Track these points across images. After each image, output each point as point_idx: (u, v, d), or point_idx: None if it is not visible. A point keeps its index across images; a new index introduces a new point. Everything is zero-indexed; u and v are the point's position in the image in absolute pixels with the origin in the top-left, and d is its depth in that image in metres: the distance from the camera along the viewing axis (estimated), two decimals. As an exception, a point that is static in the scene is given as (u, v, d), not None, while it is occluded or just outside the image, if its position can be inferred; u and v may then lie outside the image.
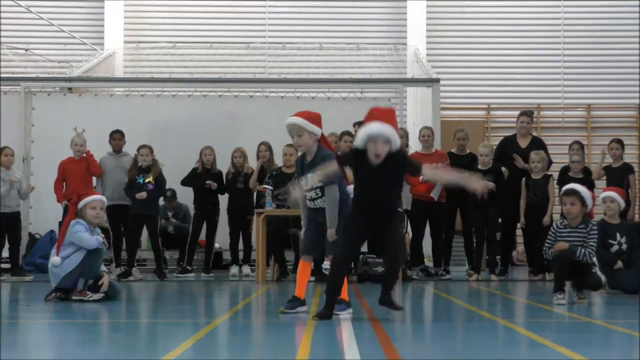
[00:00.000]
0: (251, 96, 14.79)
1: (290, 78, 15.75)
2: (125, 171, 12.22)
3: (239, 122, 14.36)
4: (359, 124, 12.30)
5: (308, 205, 6.94)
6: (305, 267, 7.03)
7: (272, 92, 15.10)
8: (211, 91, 14.76)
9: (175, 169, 12.77)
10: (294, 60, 17.68)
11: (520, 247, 14.61)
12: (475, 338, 5.46)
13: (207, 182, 12.48)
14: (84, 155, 12.25)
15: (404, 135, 12.72)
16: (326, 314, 6.28)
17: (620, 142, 12.41)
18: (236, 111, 14.49)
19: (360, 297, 8.67)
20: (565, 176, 11.64)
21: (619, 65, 18.20)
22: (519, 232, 12.58)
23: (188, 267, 12.73)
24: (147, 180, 12.00)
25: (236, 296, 9.72)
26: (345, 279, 6.65)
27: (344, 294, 6.73)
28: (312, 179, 6.60)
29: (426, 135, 12.29)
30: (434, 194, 11.86)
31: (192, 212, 13.11)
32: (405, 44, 18.01)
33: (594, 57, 18.26)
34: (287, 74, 16.54)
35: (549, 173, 11.86)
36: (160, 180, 12.16)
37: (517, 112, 12.83)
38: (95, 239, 8.12)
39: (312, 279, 10.33)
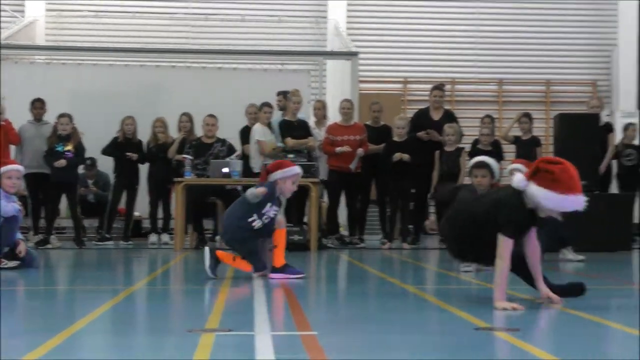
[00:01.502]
0: (173, 66, 14.86)
1: (212, 49, 15.87)
2: (45, 140, 12.24)
3: (161, 92, 14.43)
4: (283, 94, 12.55)
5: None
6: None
7: (194, 62, 15.19)
8: (133, 61, 14.80)
9: (96, 138, 12.82)
10: (217, 31, 17.76)
11: (433, 217, 15.01)
12: (385, 303, 5.72)
13: (128, 153, 12.58)
14: (2, 123, 12.21)
15: (322, 107, 13.01)
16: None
17: (529, 115, 12.87)
18: (158, 81, 14.55)
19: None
20: (475, 148, 12.03)
21: (530, 41, 18.75)
22: (432, 202, 12.93)
23: (107, 235, 12.83)
24: (66, 149, 12.04)
25: (154, 264, 9.88)
26: (283, 244, 7.22)
27: (281, 259, 7.18)
28: None
29: (346, 108, 12.50)
30: (352, 165, 12.13)
31: (112, 180, 13.19)
32: (326, 17, 18.19)
33: (506, 33, 18.74)
34: (209, 45, 16.63)
35: (461, 145, 12.20)
36: (79, 148, 12.22)
37: (432, 86, 13.15)
38: (11, 207, 8.19)
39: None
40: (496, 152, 11.83)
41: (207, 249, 7.25)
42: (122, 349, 3.84)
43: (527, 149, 12.37)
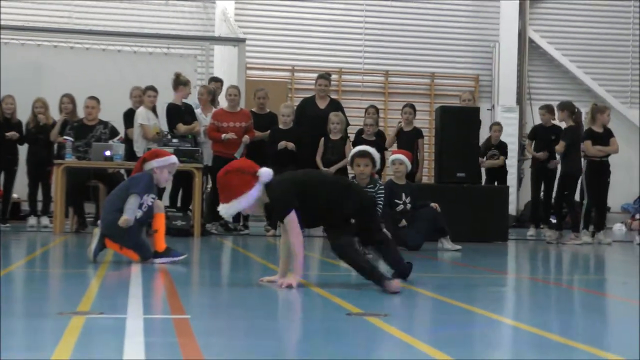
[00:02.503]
0: (55, 46, 14.54)
1: (96, 30, 15.56)
2: None
3: (42, 72, 14.13)
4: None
5: None
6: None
7: (78, 43, 14.89)
8: (13, 39, 14.39)
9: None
10: (102, 12, 17.42)
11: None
12: (263, 289, 5.74)
13: (7, 133, 12.27)
14: None
15: (207, 92, 12.93)
16: None
17: (412, 107, 13.12)
18: (39, 61, 14.23)
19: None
20: (359, 138, 12.19)
21: (416, 35, 19.11)
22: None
23: (-16, 218, 12.52)
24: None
25: (32, 246, 9.69)
26: (163, 228, 7.32)
27: (162, 243, 7.23)
28: None
29: (232, 94, 12.44)
30: (238, 153, 12.11)
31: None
32: (214, 2, 18.09)
33: (393, 25, 19.03)
34: (93, 25, 16.31)
35: (348, 134, 12.31)
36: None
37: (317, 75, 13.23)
38: None
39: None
40: (380, 143, 12.03)
41: (98, 231, 7.15)
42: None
43: (409, 140, 12.62)
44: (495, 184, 13.54)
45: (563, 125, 12.44)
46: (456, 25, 19.33)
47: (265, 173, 5.59)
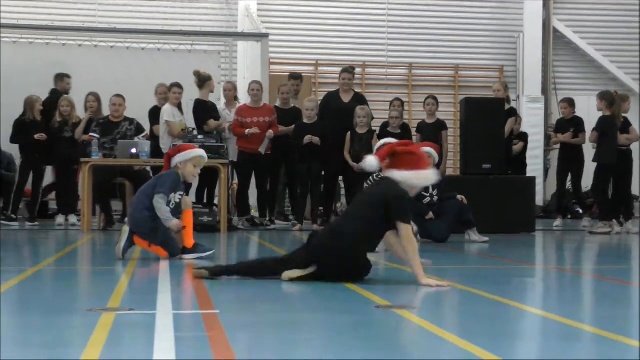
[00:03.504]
0: (80, 45, 14.61)
1: (120, 28, 15.61)
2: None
3: (67, 71, 14.17)
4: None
5: None
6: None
7: (102, 41, 14.96)
8: (38, 38, 14.47)
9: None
10: (125, 10, 17.50)
11: (344, 199, 15.13)
12: (289, 283, 5.75)
13: (36, 135, 12.33)
14: None
15: (233, 88, 12.98)
16: None
17: (435, 99, 13.08)
18: (64, 60, 14.29)
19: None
20: (384, 131, 12.17)
21: (439, 27, 19.03)
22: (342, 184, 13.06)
23: (13, 216, 12.61)
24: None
25: (61, 244, 9.75)
26: (191, 224, 7.42)
27: (190, 239, 7.30)
28: None
29: (255, 90, 12.45)
30: (262, 149, 12.14)
31: (17, 160, 12.94)
32: (237, -2, 18.15)
33: (416, 18, 18.97)
34: (117, 23, 16.38)
35: (372, 128, 12.31)
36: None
37: (341, 69, 13.21)
38: None
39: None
40: (405, 135, 12.00)
41: (127, 229, 7.19)
42: (18, 328, 3.81)
43: (433, 132, 12.59)
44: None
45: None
46: (480, 16, 19.24)
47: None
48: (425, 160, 5.71)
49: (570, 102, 13.48)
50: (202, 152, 7.43)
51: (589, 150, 12.67)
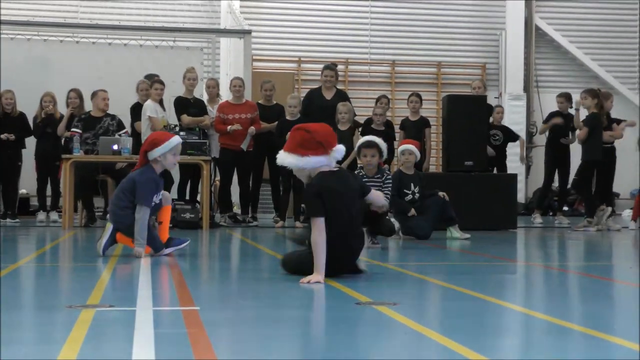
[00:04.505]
0: (61, 41, 14.53)
1: (102, 24, 15.55)
2: None
3: (49, 67, 14.12)
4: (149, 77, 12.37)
5: None
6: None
7: (84, 37, 14.87)
8: (19, 34, 14.38)
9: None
10: (107, 6, 17.43)
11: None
12: (272, 280, 5.75)
13: (2, 135, 12.23)
14: None
15: (215, 85, 12.96)
16: None
17: (419, 96, 13.09)
18: (46, 56, 14.22)
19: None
20: (368, 128, 12.17)
21: (422, 24, 19.06)
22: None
23: (-6, 214, 12.55)
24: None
25: (42, 241, 9.71)
26: (167, 220, 7.38)
27: (165, 234, 7.25)
28: None
29: (237, 86, 12.44)
30: (244, 145, 12.12)
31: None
32: (220, -6, 18.10)
33: (399, 15, 18.99)
34: (99, 19, 16.31)
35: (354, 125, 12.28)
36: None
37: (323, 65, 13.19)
38: None
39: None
40: (389, 132, 12.01)
41: (111, 226, 7.12)
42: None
43: (416, 129, 12.60)
44: (494, 170, 13.33)
45: (578, 112, 12.37)
46: (462, 14, 19.29)
47: (337, 154, 5.40)
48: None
49: (567, 97, 13.59)
50: (178, 139, 7.25)
51: (575, 147, 12.76)
